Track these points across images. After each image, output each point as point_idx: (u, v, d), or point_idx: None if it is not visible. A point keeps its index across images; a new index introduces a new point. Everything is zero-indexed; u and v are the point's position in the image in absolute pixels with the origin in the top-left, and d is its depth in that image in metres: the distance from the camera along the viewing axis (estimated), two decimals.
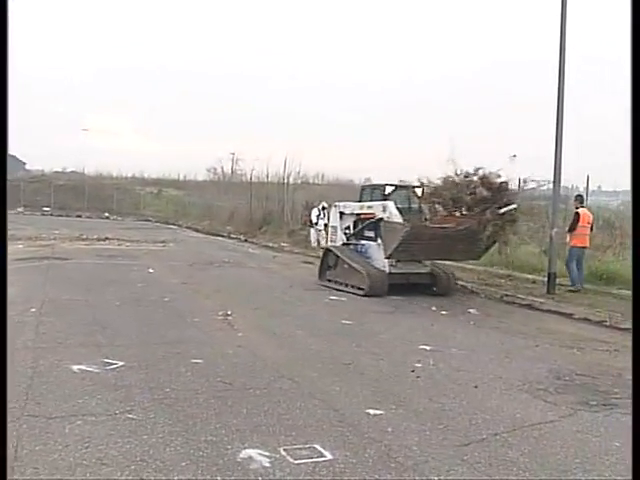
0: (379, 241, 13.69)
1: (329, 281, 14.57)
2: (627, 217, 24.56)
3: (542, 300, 12.74)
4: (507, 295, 13.43)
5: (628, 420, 5.62)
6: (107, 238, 25.69)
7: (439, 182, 13.20)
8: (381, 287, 13.24)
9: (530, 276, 15.81)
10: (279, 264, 18.74)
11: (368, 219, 14.19)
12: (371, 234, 14.16)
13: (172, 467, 4.24)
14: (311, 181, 47.57)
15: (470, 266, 18.19)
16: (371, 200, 14.64)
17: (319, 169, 51.38)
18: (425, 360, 7.56)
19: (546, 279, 13.98)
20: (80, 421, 5.01)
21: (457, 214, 12.71)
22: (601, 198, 31.83)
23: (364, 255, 14.22)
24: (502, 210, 12.56)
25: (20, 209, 45.98)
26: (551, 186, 14.41)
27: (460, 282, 15.03)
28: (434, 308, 11.88)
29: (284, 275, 16.40)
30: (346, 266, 14.04)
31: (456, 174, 12.93)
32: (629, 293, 13.21)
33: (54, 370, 6.49)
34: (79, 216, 46.78)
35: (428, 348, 8.27)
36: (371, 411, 5.56)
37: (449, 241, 12.60)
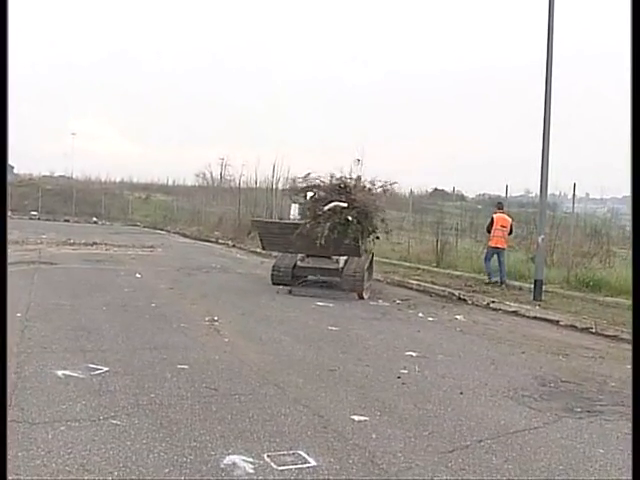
0: None
1: None
2: (613, 224, 24.81)
3: (529, 307, 12.79)
4: (494, 302, 13.46)
5: (612, 427, 5.68)
6: (95, 243, 25.59)
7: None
8: (284, 278, 14.69)
9: (517, 283, 15.86)
10: (266, 270, 18.64)
11: None
12: None
13: (155, 473, 4.21)
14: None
15: (458, 273, 18.31)
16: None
17: None
18: (411, 366, 7.57)
19: (533, 286, 14.03)
20: (64, 427, 4.97)
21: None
22: (589, 205, 32.04)
23: None
24: (326, 207, 13.77)
25: (8, 213, 45.74)
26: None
27: (448, 289, 15.08)
28: (421, 315, 11.91)
29: None
30: None
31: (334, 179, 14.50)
32: (615, 300, 13.33)
33: (38, 375, 6.43)
34: (67, 220, 46.61)
35: (414, 354, 8.29)
36: (356, 417, 5.56)
37: (304, 236, 13.69)
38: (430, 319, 11.55)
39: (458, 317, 11.83)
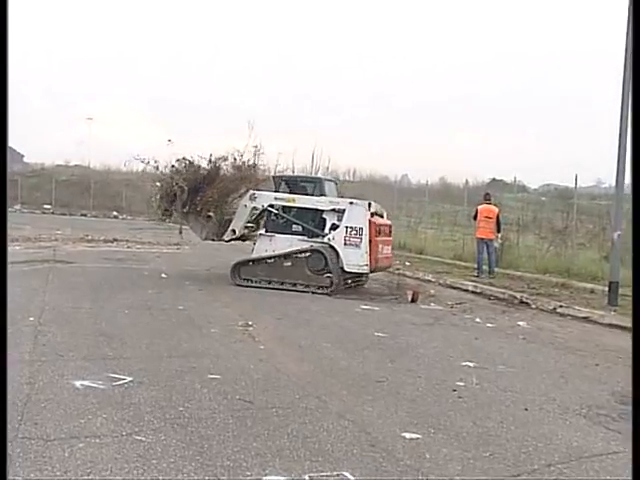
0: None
1: None
2: None
3: (602, 312, 12.58)
4: (562, 306, 13.30)
5: None
6: (115, 240, 25.93)
7: None
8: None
9: (589, 285, 15.64)
10: None
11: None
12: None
13: None
14: (342, 178, 47.54)
15: (519, 273, 18.13)
16: None
17: (350, 165, 51.43)
18: (468, 378, 7.51)
19: (607, 289, 13.80)
20: (82, 443, 4.99)
21: None
22: None
23: None
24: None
25: (18, 206, 46.51)
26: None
27: (509, 292, 14.94)
28: (478, 320, 11.83)
29: None
30: None
31: None
32: None
33: (54, 386, 6.49)
34: (84, 215, 47.30)
35: (471, 365, 8.23)
36: (407, 435, 5.52)
37: None
38: (489, 325, 11.46)
39: (520, 323, 11.73)
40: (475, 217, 18.75)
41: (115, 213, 49.06)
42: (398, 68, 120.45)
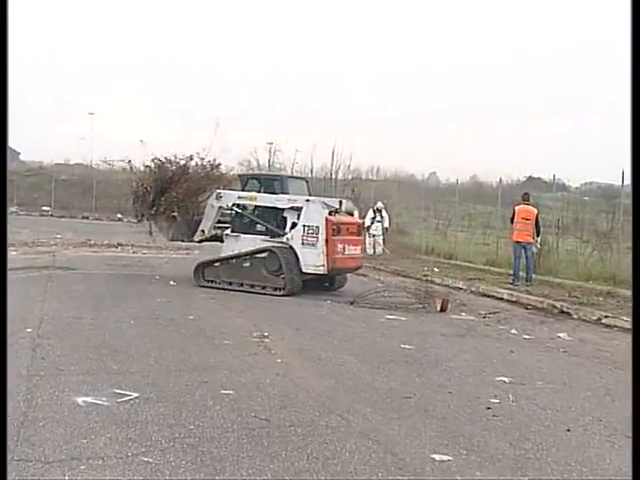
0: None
1: None
2: None
3: None
4: (607, 316, 13.20)
5: None
6: (119, 244, 26.03)
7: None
8: None
9: None
10: None
11: None
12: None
13: None
14: (364, 176, 47.63)
15: (559, 280, 18.03)
16: None
17: (373, 162, 51.46)
18: (503, 395, 7.48)
19: None
20: (84, 465, 4.98)
21: None
22: None
23: None
24: None
25: (14, 208, 46.53)
26: None
27: (548, 300, 14.87)
28: (514, 331, 11.77)
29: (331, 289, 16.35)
30: None
31: None
32: None
33: (54, 403, 6.50)
34: (86, 217, 47.44)
35: (507, 380, 8.19)
36: (437, 456, 5.50)
37: None
38: (526, 337, 11.42)
39: (561, 335, 11.66)
40: (512, 219, 18.52)
41: (119, 215, 48.98)
42: (430, 67, 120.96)
